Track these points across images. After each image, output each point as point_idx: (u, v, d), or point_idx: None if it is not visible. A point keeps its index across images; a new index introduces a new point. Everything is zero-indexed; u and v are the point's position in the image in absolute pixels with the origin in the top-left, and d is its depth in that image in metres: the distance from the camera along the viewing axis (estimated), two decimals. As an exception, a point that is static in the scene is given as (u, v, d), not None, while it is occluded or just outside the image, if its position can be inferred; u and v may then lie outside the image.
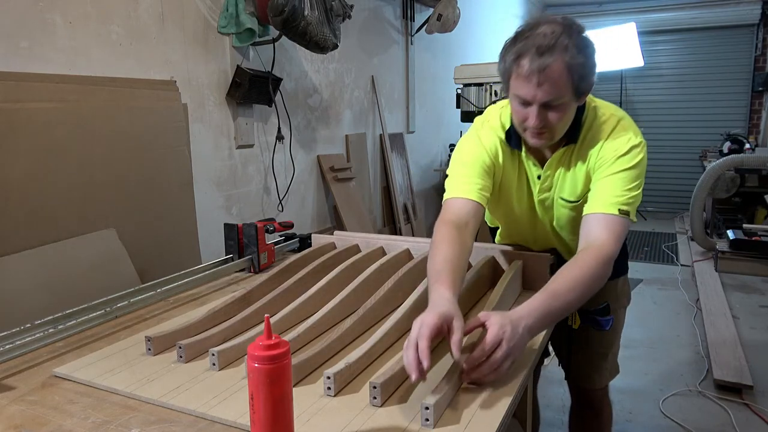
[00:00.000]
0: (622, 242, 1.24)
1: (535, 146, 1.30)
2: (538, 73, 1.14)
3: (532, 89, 1.16)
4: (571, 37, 1.14)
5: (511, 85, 1.22)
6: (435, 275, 1.12)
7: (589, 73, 1.18)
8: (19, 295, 1.51)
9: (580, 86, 1.18)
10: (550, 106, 1.19)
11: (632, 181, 1.25)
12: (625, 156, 1.26)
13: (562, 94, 1.17)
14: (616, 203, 1.23)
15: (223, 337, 1.17)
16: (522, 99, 1.20)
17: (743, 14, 6.54)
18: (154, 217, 2.01)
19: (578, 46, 1.14)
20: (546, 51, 1.13)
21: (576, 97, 1.20)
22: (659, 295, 3.99)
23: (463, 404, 0.92)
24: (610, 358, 1.63)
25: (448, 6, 4.06)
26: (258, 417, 0.76)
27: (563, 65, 1.13)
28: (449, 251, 1.17)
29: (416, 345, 0.91)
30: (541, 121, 1.20)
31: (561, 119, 1.21)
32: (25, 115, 1.62)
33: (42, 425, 0.89)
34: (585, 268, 1.14)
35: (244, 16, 2.40)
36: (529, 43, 1.15)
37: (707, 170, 4.77)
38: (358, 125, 3.68)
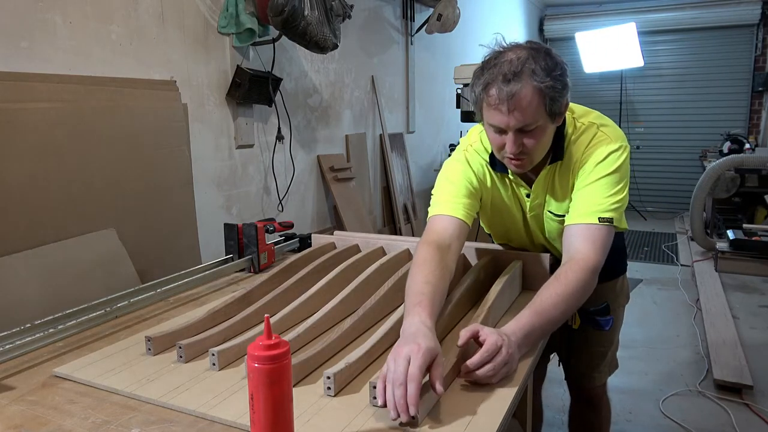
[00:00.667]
0: (606, 250, 1.23)
1: (516, 173, 1.30)
2: (507, 100, 1.13)
3: (504, 117, 1.16)
4: (538, 61, 1.14)
5: (484, 114, 1.22)
6: (416, 297, 1.08)
7: (560, 94, 1.16)
8: (19, 295, 1.51)
9: (553, 108, 1.17)
10: (526, 132, 1.18)
11: (613, 185, 1.24)
12: (603, 162, 1.25)
13: (535, 119, 1.16)
14: (595, 212, 1.22)
15: (223, 337, 1.17)
16: (496, 127, 1.20)
17: (743, 14, 6.54)
18: (154, 217, 2.01)
19: (546, 69, 1.14)
20: (513, 78, 1.13)
21: (551, 119, 1.19)
22: (659, 295, 3.99)
23: (463, 404, 0.92)
24: (609, 355, 1.64)
25: (448, 6, 4.06)
26: (258, 417, 0.76)
27: (532, 90, 1.13)
28: (431, 274, 1.14)
29: (405, 385, 0.86)
30: (518, 147, 1.19)
31: (538, 143, 1.20)
32: (25, 115, 1.62)
33: (42, 425, 0.89)
34: (567, 283, 1.14)
35: (244, 16, 2.40)
36: (495, 72, 1.15)
37: (707, 170, 4.77)
38: (358, 125, 3.68)
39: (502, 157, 1.26)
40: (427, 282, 1.12)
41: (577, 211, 1.25)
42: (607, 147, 1.26)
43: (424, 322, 1.00)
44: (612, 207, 1.23)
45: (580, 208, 1.25)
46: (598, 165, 1.25)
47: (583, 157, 1.28)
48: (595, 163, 1.26)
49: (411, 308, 1.06)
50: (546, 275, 1.43)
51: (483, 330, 1.01)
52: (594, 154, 1.26)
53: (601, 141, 1.28)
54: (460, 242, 1.30)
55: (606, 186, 1.24)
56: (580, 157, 1.28)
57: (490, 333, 1.00)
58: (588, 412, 1.78)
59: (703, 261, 4.60)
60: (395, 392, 0.86)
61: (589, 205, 1.23)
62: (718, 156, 5.18)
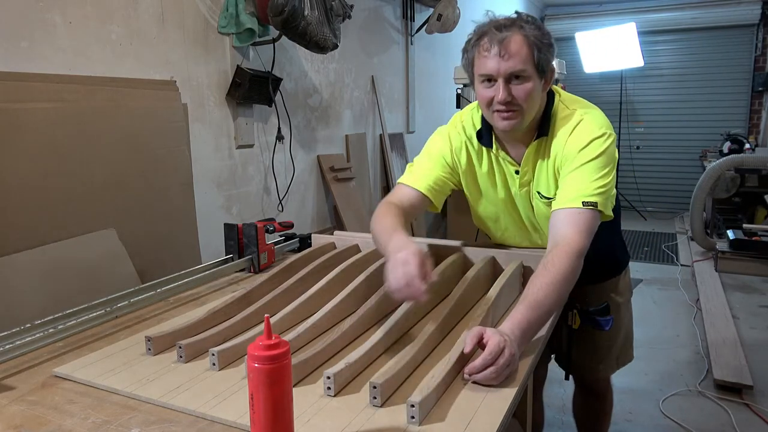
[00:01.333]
0: (591, 234, 1.23)
1: (505, 129, 1.30)
2: (498, 45, 1.22)
3: (495, 62, 1.22)
4: (526, 20, 1.25)
5: (476, 66, 1.28)
6: (389, 230, 1.23)
7: (547, 49, 1.24)
8: (19, 295, 1.51)
9: (541, 62, 1.23)
10: (514, 80, 1.23)
11: (597, 171, 1.25)
12: (586, 148, 1.27)
13: (524, 66, 1.22)
14: (579, 196, 1.23)
15: (223, 337, 1.17)
16: (486, 76, 1.25)
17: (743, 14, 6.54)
18: (154, 217, 2.01)
19: (535, 25, 1.24)
20: (504, 27, 1.23)
21: (538, 73, 1.24)
22: (659, 295, 3.99)
23: (463, 404, 0.92)
24: (615, 349, 1.64)
25: (448, 6, 4.06)
26: (258, 417, 0.76)
27: (522, 37, 1.22)
28: (395, 217, 1.30)
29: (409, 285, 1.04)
30: (508, 95, 1.23)
31: (527, 96, 1.24)
32: (25, 115, 1.62)
33: (42, 425, 0.89)
34: (556, 271, 1.15)
35: (244, 16, 2.40)
36: (488, 25, 1.26)
37: (707, 170, 4.77)
38: (358, 125, 3.68)
39: (492, 111, 1.28)
40: (395, 223, 1.27)
41: (562, 197, 1.27)
42: (590, 134, 1.28)
43: (405, 239, 1.17)
44: (596, 191, 1.23)
45: (565, 193, 1.26)
46: (582, 151, 1.27)
47: (567, 144, 1.30)
48: (578, 149, 1.27)
49: (390, 237, 1.20)
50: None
51: (486, 332, 1.02)
52: (577, 141, 1.28)
53: (584, 128, 1.30)
54: (418, 210, 1.45)
55: (589, 171, 1.25)
56: (564, 144, 1.30)
57: (493, 334, 1.00)
58: (592, 400, 1.81)
59: (703, 261, 4.60)
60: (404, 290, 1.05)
61: (572, 190, 1.25)
62: (718, 156, 5.18)
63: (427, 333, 1.09)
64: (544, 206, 1.39)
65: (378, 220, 1.32)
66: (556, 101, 1.36)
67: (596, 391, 1.78)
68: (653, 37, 6.93)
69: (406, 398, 0.87)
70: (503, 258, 1.49)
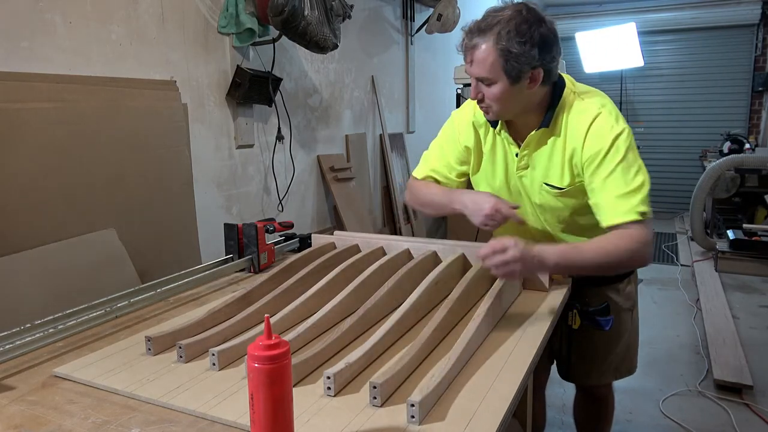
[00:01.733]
0: (650, 232, 1.28)
1: (488, 120, 1.42)
2: (467, 51, 1.28)
3: (468, 66, 1.30)
4: (511, 23, 1.22)
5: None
6: (445, 191, 1.48)
7: (518, 60, 1.23)
8: (19, 295, 1.51)
9: (510, 71, 1.25)
10: (483, 83, 1.29)
11: (630, 170, 1.28)
12: (611, 150, 1.28)
13: (489, 74, 1.26)
14: (628, 211, 1.26)
15: (223, 337, 1.17)
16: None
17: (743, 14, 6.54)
18: (154, 217, 2.01)
19: (516, 33, 1.22)
20: (478, 33, 1.25)
21: (509, 80, 1.26)
22: (659, 295, 3.99)
23: (463, 404, 0.92)
24: (615, 358, 1.63)
25: (448, 6, 4.06)
26: (258, 417, 0.76)
27: (490, 45, 1.24)
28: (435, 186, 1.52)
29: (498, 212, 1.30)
30: (477, 94, 1.32)
31: (496, 98, 1.29)
32: (25, 115, 1.62)
33: (42, 425, 0.89)
34: (611, 242, 1.26)
35: (244, 16, 2.40)
36: (473, 24, 1.28)
37: (707, 170, 4.77)
38: (358, 125, 3.68)
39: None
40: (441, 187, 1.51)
41: (609, 212, 1.28)
42: (611, 129, 1.30)
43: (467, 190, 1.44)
44: (641, 200, 1.27)
45: (611, 208, 1.28)
46: (608, 155, 1.29)
47: (587, 140, 1.31)
48: (604, 152, 1.29)
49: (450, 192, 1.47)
50: (546, 275, 1.43)
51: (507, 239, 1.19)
52: (598, 142, 1.30)
53: (604, 124, 1.31)
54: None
55: (624, 172, 1.27)
56: (582, 140, 1.32)
57: (512, 240, 1.18)
58: (593, 405, 1.81)
59: (703, 261, 4.60)
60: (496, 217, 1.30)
61: (620, 204, 1.27)
62: (718, 156, 5.17)
63: (427, 333, 1.09)
64: (552, 198, 1.41)
65: (424, 189, 1.54)
66: (567, 92, 1.37)
67: (597, 395, 1.77)
68: (653, 37, 6.93)
69: (406, 398, 0.87)
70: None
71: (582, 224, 1.45)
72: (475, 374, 1.01)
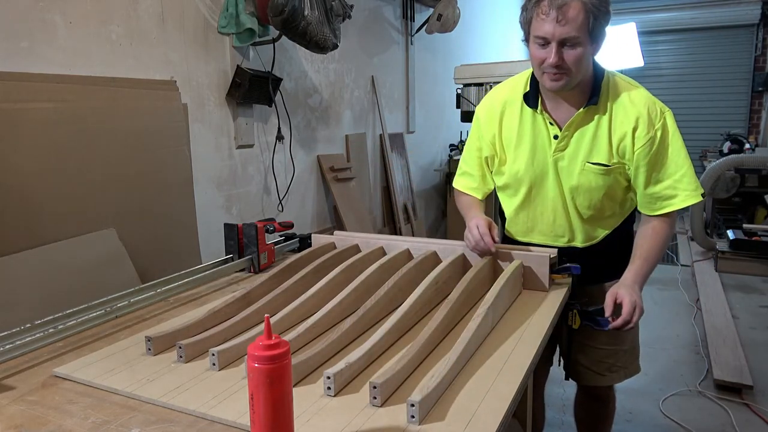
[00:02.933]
0: None
1: (552, 89, 1.38)
2: (557, 10, 1.26)
3: (551, 26, 1.27)
4: None
5: (532, 28, 1.33)
6: (467, 206, 1.60)
7: (603, 18, 1.29)
8: (19, 295, 1.51)
9: (595, 29, 1.29)
10: (567, 45, 1.29)
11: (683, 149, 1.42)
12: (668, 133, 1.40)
13: (578, 33, 1.27)
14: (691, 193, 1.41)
15: (223, 337, 1.17)
16: (542, 39, 1.30)
17: (743, 14, 6.54)
18: (154, 217, 2.01)
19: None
20: None
21: (591, 40, 1.30)
22: (659, 295, 3.99)
23: (463, 404, 0.92)
24: (622, 356, 1.64)
25: (448, 6, 4.06)
26: (258, 417, 0.76)
27: (580, 3, 1.26)
28: (471, 199, 1.63)
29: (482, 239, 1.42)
30: (559, 59, 1.30)
31: (577, 61, 1.31)
32: (25, 115, 1.62)
33: (42, 425, 0.89)
34: (663, 233, 1.45)
35: (244, 16, 2.40)
36: None
37: (707, 170, 4.76)
38: (358, 125, 3.68)
39: (543, 72, 1.35)
40: (470, 201, 1.62)
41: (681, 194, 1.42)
42: (662, 114, 1.41)
43: (477, 213, 1.54)
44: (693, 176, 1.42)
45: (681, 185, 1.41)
46: (667, 138, 1.40)
47: (640, 126, 1.38)
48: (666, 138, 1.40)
49: (468, 211, 1.58)
50: (546, 275, 1.43)
51: (619, 293, 1.36)
52: (653, 126, 1.39)
53: (656, 109, 1.41)
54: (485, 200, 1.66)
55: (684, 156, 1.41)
56: (634, 124, 1.39)
57: (625, 295, 1.35)
58: (595, 406, 1.81)
59: (703, 261, 4.60)
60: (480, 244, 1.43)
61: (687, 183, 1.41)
62: (718, 156, 5.17)
63: (427, 333, 1.09)
64: (594, 176, 1.44)
65: (459, 197, 1.68)
66: (608, 74, 1.43)
67: (598, 396, 1.76)
68: (653, 37, 6.94)
69: (406, 398, 0.87)
70: (503, 258, 1.49)
71: (607, 213, 1.52)
72: (475, 374, 1.01)
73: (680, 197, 1.42)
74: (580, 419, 1.88)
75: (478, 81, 3.77)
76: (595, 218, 1.52)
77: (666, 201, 1.43)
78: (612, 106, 1.41)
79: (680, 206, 1.43)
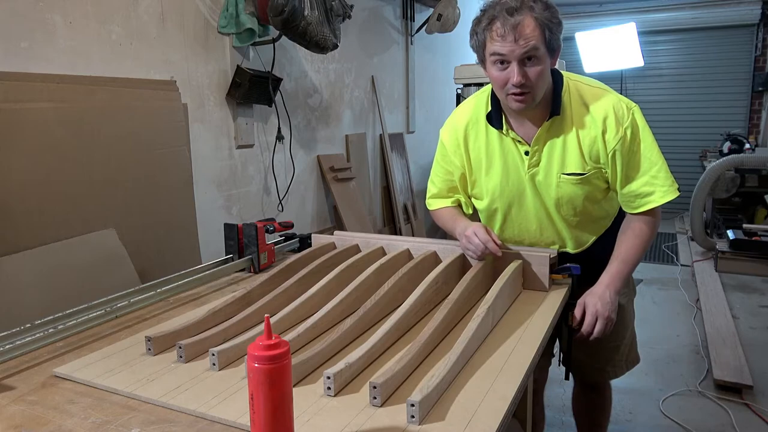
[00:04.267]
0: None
1: (518, 110, 1.35)
2: (512, 30, 1.24)
3: (510, 46, 1.26)
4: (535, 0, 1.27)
5: (488, 50, 1.30)
6: (453, 218, 1.54)
7: (557, 29, 1.29)
8: (19, 295, 1.51)
9: (552, 41, 1.28)
10: (528, 61, 1.27)
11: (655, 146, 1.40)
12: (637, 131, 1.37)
13: (536, 46, 1.26)
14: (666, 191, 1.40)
15: (223, 337, 1.17)
16: (500, 58, 1.29)
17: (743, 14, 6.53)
18: (154, 217, 2.01)
19: (543, 4, 1.27)
20: (515, 11, 1.25)
21: (549, 53, 1.29)
22: (659, 295, 3.98)
23: (463, 404, 0.92)
24: (623, 350, 1.65)
25: (448, 6, 4.06)
26: (258, 417, 0.76)
27: (533, 20, 1.25)
28: (453, 210, 1.57)
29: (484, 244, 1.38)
30: (522, 77, 1.28)
31: (540, 75, 1.29)
32: (26, 115, 1.62)
33: (42, 425, 0.89)
34: (643, 235, 1.42)
35: (244, 16, 2.40)
36: (497, 9, 1.27)
37: (707, 170, 4.76)
38: (358, 125, 3.68)
39: (506, 94, 1.33)
40: (453, 212, 1.57)
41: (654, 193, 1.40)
42: (629, 113, 1.37)
43: (466, 221, 1.49)
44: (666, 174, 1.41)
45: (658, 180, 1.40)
46: (636, 137, 1.37)
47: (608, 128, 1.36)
48: (631, 132, 1.36)
49: (455, 223, 1.51)
50: (546, 275, 1.43)
51: (586, 302, 1.38)
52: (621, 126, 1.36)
53: (622, 108, 1.37)
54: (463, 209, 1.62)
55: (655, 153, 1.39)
56: (602, 127, 1.36)
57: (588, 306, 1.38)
58: (591, 395, 1.82)
59: (703, 261, 4.60)
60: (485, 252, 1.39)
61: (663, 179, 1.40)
62: (718, 156, 5.17)
63: (427, 333, 1.09)
64: (572, 186, 1.42)
65: (439, 214, 1.61)
66: (566, 80, 1.41)
67: (595, 386, 1.79)
68: (653, 37, 6.93)
69: (406, 398, 0.87)
70: (503, 258, 1.49)
71: (594, 215, 1.50)
72: (475, 374, 1.01)
73: (658, 193, 1.39)
74: (578, 412, 1.89)
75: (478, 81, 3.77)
76: (584, 222, 1.51)
77: (645, 198, 1.40)
78: (576, 113, 1.38)
79: (659, 203, 1.40)
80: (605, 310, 1.36)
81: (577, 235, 1.52)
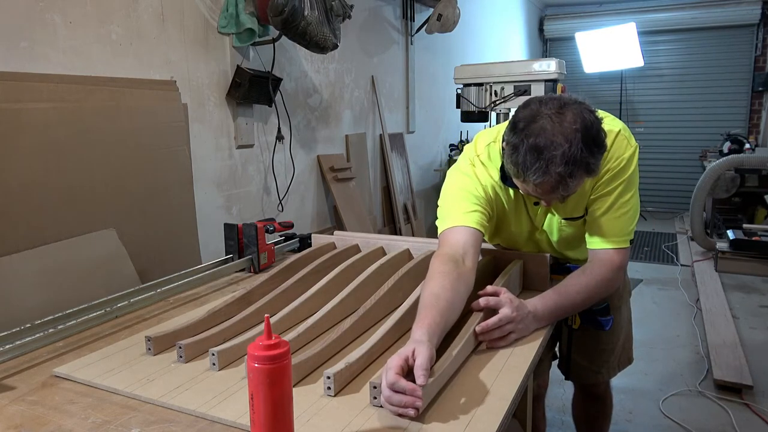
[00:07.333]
0: (629, 255, 1.34)
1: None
2: (543, 193, 1.17)
3: (546, 197, 1.20)
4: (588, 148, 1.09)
5: (521, 185, 1.20)
6: (420, 312, 1.06)
7: (594, 158, 1.11)
8: (19, 295, 1.51)
9: (588, 175, 1.15)
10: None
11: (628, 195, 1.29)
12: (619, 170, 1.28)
13: (569, 193, 1.17)
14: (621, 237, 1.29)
15: (223, 337, 1.17)
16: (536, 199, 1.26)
17: (743, 14, 6.54)
18: (154, 217, 2.01)
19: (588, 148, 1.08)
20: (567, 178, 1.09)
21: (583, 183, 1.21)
22: (659, 295, 3.99)
23: (463, 404, 0.92)
24: (617, 351, 1.65)
25: (448, 6, 4.06)
26: (258, 417, 0.76)
27: (562, 179, 1.10)
28: (438, 286, 1.11)
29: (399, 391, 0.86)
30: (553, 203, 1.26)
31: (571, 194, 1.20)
32: (25, 115, 1.62)
33: (42, 425, 0.89)
34: (593, 275, 1.28)
35: (244, 16, 2.40)
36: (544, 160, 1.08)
37: (707, 170, 4.77)
38: (358, 125, 3.68)
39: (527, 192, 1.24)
40: (432, 294, 1.09)
41: (604, 236, 1.30)
42: (624, 154, 1.28)
43: (418, 337, 0.97)
44: (631, 228, 1.31)
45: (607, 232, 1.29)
46: (615, 175, 1.28)
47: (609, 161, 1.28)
48: (612, 174, 1.28)
49: (420, 317, 1.04)
50: (546, 275, 1.43)
51: (505, 294, 1.16)
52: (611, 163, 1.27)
53: (618, 149, 1.28)
54: (476, 250, 1.26)
55: (623, 203, 1.29)
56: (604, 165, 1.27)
57: (509, 302, 1.14)
58: (591, 403, 1.82)
59: (703, 261, 4.60)
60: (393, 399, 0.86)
61: (614, 230, 1.29)
62: (718, 156, 5.17)
63: (427, 333, 1.09)
64: (570, 229, 1.40)
65: (425, 283, 1.17)
66: None
67: (596, 394, 1.78)
68: (653, 37, 6.94)
69: (406, 398, 0.87)
70: (503, 258, 1.49)
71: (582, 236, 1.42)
72: (475, 374, 1.01)
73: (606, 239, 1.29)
74: (579, 418, 1.88)
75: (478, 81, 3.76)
76: (577, 246, 1.47)
77: (594, 237, 1.31)
78: None
79: (601, 247, 1.29)
80: (520, 322, 1.15)
81: (572, 254, 1.52)
